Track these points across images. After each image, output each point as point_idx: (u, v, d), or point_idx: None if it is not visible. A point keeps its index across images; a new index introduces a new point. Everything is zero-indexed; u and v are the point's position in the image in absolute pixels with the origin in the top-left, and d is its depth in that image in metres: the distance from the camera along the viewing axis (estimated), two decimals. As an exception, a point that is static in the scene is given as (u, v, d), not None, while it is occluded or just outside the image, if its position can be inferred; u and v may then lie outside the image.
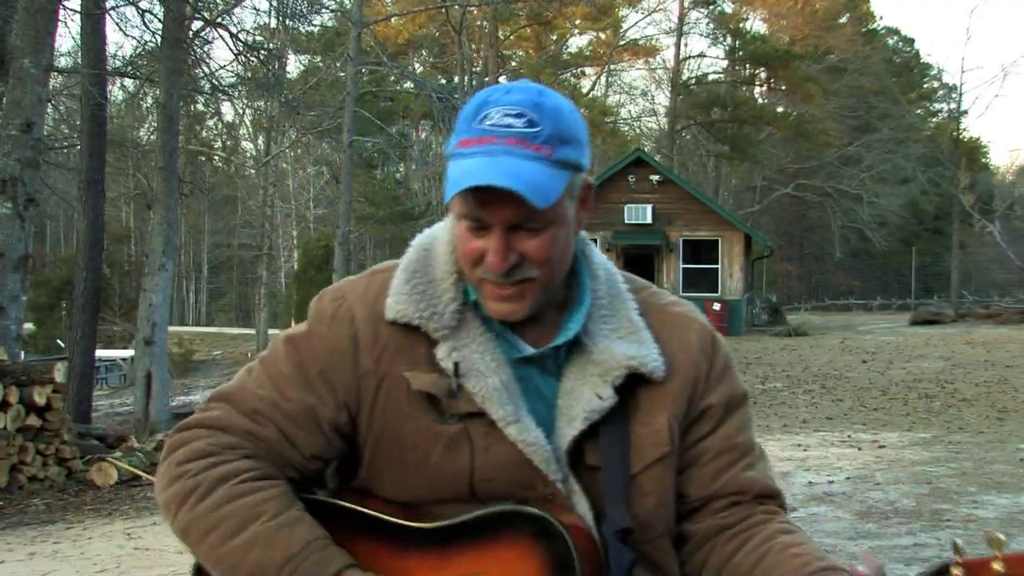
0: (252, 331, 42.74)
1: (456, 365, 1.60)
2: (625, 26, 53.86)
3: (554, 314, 1.68)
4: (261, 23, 36.38)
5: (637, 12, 54.12)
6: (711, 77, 56.49)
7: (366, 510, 1.62)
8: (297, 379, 1.64)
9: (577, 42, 56.49)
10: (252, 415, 1.62)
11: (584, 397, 1.62)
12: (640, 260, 31.78)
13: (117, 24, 25.12)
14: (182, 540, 1.59)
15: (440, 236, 1.73)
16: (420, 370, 1.62)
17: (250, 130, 49.46)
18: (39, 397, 9.86)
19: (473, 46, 43.58)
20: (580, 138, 1.60)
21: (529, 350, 1.66)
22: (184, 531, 1.57)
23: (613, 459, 1.62)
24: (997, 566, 1.34)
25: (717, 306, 30.33)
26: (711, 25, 55.52)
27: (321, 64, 39.50)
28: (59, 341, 28.95)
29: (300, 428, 1.62)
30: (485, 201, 1.52)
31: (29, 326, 30.69)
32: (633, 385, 1.65)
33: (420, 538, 1.58)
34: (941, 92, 61.91)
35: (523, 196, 1.48)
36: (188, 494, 1.56)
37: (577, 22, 51.21)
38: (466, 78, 38.18)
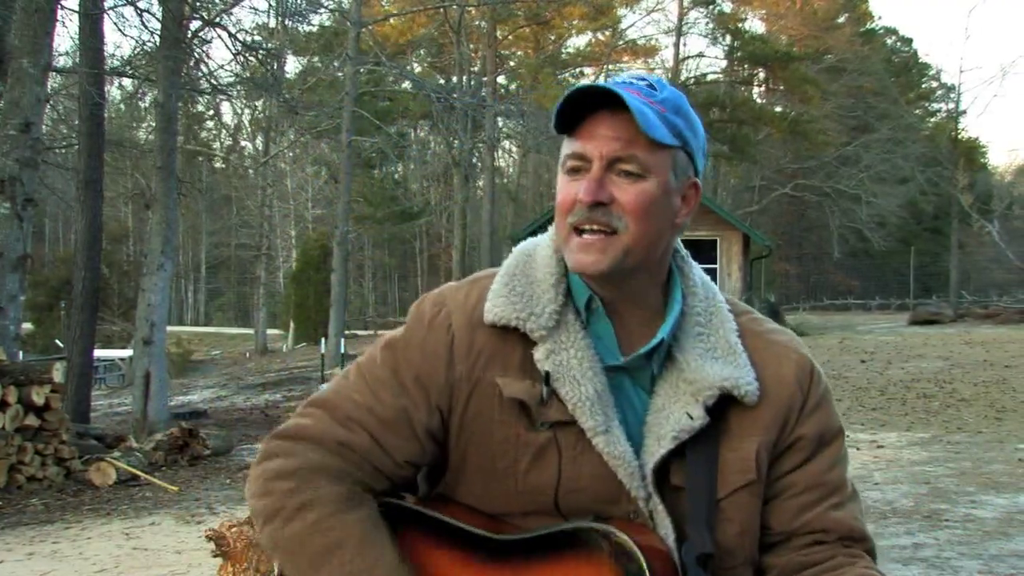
0: (250, 331, 42.77)
1: (548, 374, 1.58)
2: (624, 26, 53.93)
3: (648, 318, 1.66)
4: (260, 23, 36.40)
5: (636, 12, 54.20)
6: (710, 77, 56.51)
7: (445, 518, 1.62)
8: (392, 384, 1.64)
9: (576, 42, 56.54)
10: (346, 422, 1.61)
11: (674, 416, 1.60)
12: (639, 260, 31.79)
13: (115, 24, 25.11)
14: (268, 552, 1.63)
15: (542, 242, 1.72)
16: (513, 376, 1.61)
17: (248, 130, 49.50)
18: (38, 397, 9.85)
19: (471, 46, 43.56)
20: (696, 128, 1.67)
21: (622, 358, 1.64)
22: (270, 547, 1.61)
23: (698, 481, 1.60)
24: None
25: (716, 306, 30.34)
26: (710, 25, 55.55)
27: (320, 64, 39.51)
28: (57, 341, 28.94)
29: (393, 433, 1.62)
30: (588, 130, 1.56)
31: (28, 326, 30.70)
32: (725, 407, 1.62)
33: (496, 549, 1.58)
34: (940, 92, 61.99)
35: (627, 102, 1.51)
36: (273, 515, 1.57)
37: (575, 22, 51.19)
38: (464, 78, 38.20)
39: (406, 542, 1.62)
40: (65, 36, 50.36)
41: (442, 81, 42.07)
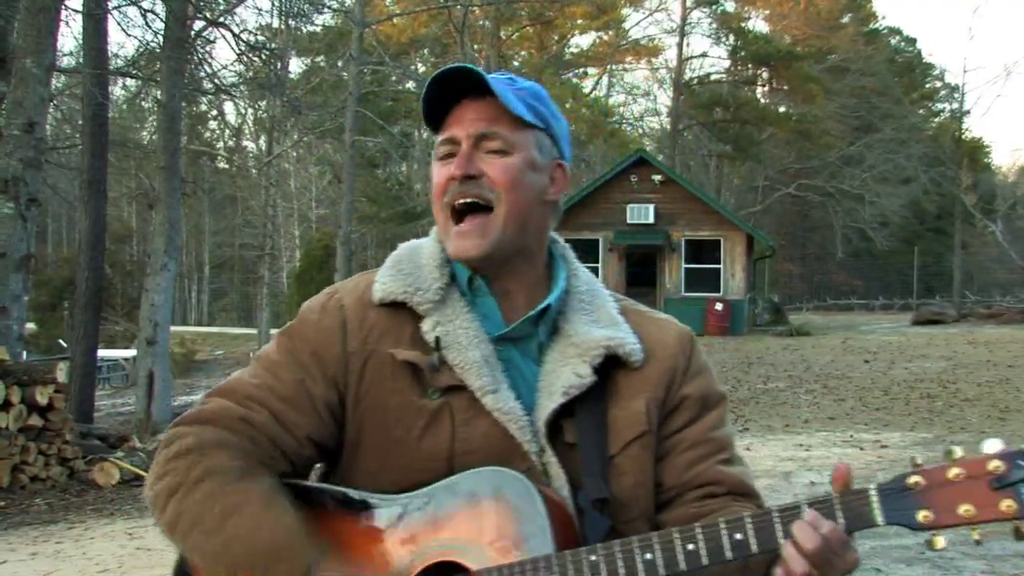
0: (254, 331, 42.73)
1: (438, 340, 1.66)
2: (627, 26, 53.87)
3: (532, 297, 1.75)
4: (263, 23, 36.39)
5: (639, 12, 54.16)
6: (713, 77, 56.44)
7: (345, 489, 1.66)
8: (289, 362, 1.70)
9: (580, 42, 56.53)
10: (245, 402, 1.66)
11: (563, 375, 1.67)
12: (643, 260, 31.78)
13: (119, 24, 25.13)
14: (168, 535, 1.63)
15: (425, 238, 1.83)
16: (404, 347, 1.68)
17: (252, 130, 49.53)
18: (41, 397, 9.86)
19: (475, 46, 43.57)
20: (557, 113, 1.78)
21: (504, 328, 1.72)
22: (172, 525, 1.61)
23: (590, 438, 1.66)
24: (954, 472, 1.42)
25: (719, 306, 30.33)
26: (713, 25, 55.51)
27: (323, 64, 39.53)
28: (61, 341, 28.96)
29: (293, 408, 1.66)
30: (454, 114, 1.68)
31: (31, 326, 30.70)
32: (611, 369, 1.70)
33: (393, 510, 1.62)
34: (943, 92, 61.97)
35: (486, 81, 1.63)
36: (174, 490, 1.60)
37: (578, 21, 51.17)
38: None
39: (307, 519, 1.65)
40: (69, 36, 50.42)
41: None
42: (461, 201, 1.67)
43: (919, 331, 30.44)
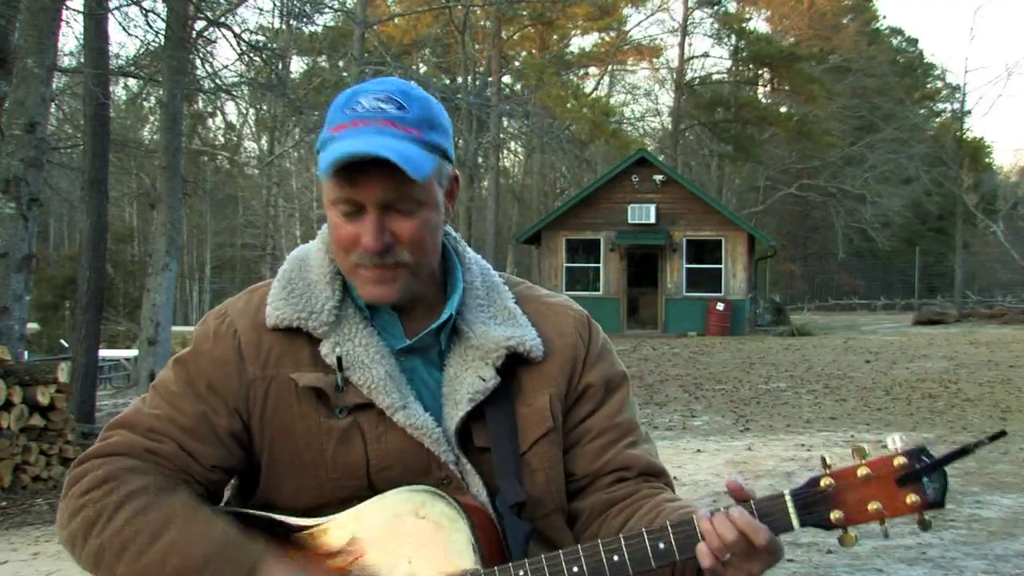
0: (255, 331, 42.74)
1: (339, 360, 1.64)
2: (629, 26, 53.86)
3: (430, 305, 1.73)
4: (265, 23, 36.42)
5: (640, 12, 54.17)
6: (715, 77, 56.47)
7: (268, 514, 1.64)
8: (188, 393, 1.66)
9: (581, 42, 56.49)
10: (148, 434, 1.63)
11: (467, 381, 1.67)
12: (644, 260, 31.79)
13: (120, 24, 25.19)
14: (94, 569, 1.59)
15: (313, 246, 1.79)
16: (305, 370, 1.66)
17: (254, 130, 49.54)
18: (43, 397, 9.86)
19: (476, 46, 43.60)
20: (446, 127, 1.69)
21: (408, 340, 1.70)
22: (96, 558, 1.57)
23: (501, 439, 1.67)
24: (862, 471, 1.48)
25: (721, 306, 30.33)
26: (715, 25, 55.51)
27: (325, 64, 39.53)
28: (62, 341, 28.96)
29: (197, 440, 1.64)
30: (358, 180, 1.58)
31: (34, 326, 30.71)
32: (514, 367, 1.70)
33: (315, 533, 1.61)
34: (945, 92, 61.83)
35: (396, 163, 1.54)
36: (94, 521, 1.57)
37: (580, 22, 51.15)
38: (469, 78, 38.20)
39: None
40: (70, 36, 50.47)
41: (447, 81, 42.12)
42: (377, 266, 1.63)
43: (920, 331, 30.43)
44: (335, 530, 1.60)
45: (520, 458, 1.67)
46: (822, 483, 1.49)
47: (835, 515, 1.48)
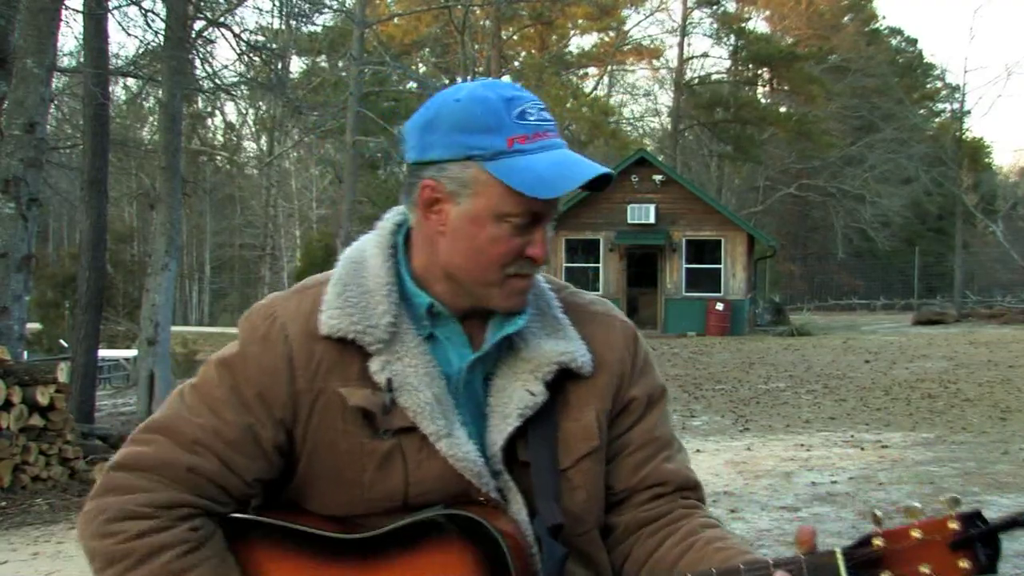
0: (255, 331, 42.75)
1: (389, 381, 1.60)
2: (628, 26, 53.87)
3: (483, 312, 1.69)
4: (264, 23, 36.40)
5: (640, 12, 54.16)
6: (714, 77, 56.48)
7: (295, 525, 1.62)
8: (233, 402, 1.61)
9: (581, 42, 56.50)
10: (191, 447, 1.58)
11: (516, 394, 1.64)
12: (643, 260, 31.80)
13: (119, 24, 25.18)
14: None
15: (369, 248, 1.72)
16: (354, 385, 1.61)
17: (253, 130, 49.55)
18: (42, 397, 9.85)
19: (476, 46, 43.54)
20: None
21: (473, 353, 1.67)
22: None
23: (542, 455, 1.64)
24: (915, 533, 1.44)
25: (720, 306, 30.34)
26: (714, 25, 55.52)
27: (324, 64, 39.53)
28: (62, 341, 28.94)
29: (241, 454, 1.60)
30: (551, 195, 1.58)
31: (36, 325, 30.69)
32: (561, 381, 1.67)
33: (351, 549, 1.59)
34: (944, 92, 61.83)
35: (607, 176, 1.60)
36: (116, 559, 1.54)
37: (580, 22, 51.16)
38: (469, 78, 38.17)
39: (251, 555, 1.62)
40: (70, 36, 50.47)
41: (447, 81, 42.06)
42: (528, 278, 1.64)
43: (920, 331, 30.44)
44: (370, 548, 1.58)
45: (560, 475, 1.65)
46: (874, 543, 1.46)
47: None
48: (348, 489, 1.62)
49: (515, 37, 48.45)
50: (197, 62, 18.88)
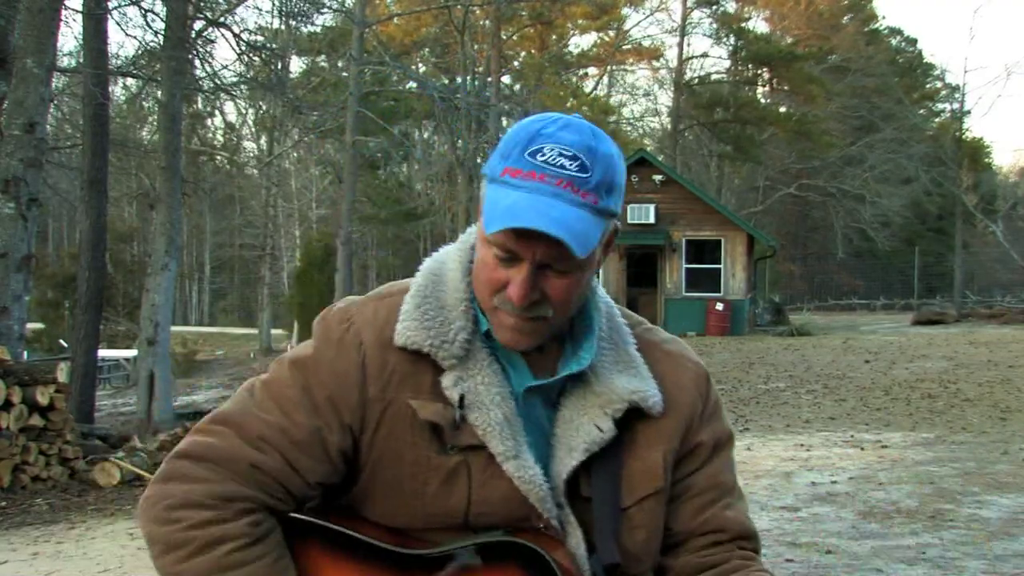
0: (255, 331, 42.77)
1: (462, 398, 1.59)
2: (628, 26, 53.88)
3: (555, 344, 1.68)
4: (264, 23, 36.41)
5: (640, 12, 54.17)
6: (714, 77, 56.46)
7: (354, 533, 1.62)
8: (304, 404, 1.61)
9: (581, 42, 56.55)
10: (257, 443, 1.59)
11: (584, 428, 1.63)
12: (643, 260, 31.80)
13: (119, 24, 25.14)
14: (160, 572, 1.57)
15: (449, 261, 1.72)
16: (425, 398, 1.61)
17: (253, 130, 49.55)
18: (42, 397, 9.86)
19: (476, 46, 43.54)
20: (622, 187, 1.61)
21: (533, 380, 1.66)
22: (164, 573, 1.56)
23: (605, 492, 1.63)
24: None
25: (720, 306, 30.34)
26: (714, 25, 55.52)
27: (324, 64, 39.54)
28: (62, 341, 28.97)
29: (306, 455, 1.60)
30: (524, 236, 1.51)
31: (38, 325, 30.72)
32: (630, 419, 1.66)
33: (409, 564, 1.59)
34: (944, 92, 61.85)
35: (567, 244, 1.49)
36: (176, 546, 1.54)
37: (579, 22, 51.16)
38: (468, 78, 38.19)
39: (307, 557, 1.61)
40: (69, 36, 50.52)
41: (446, 81, 42.13)
42: (520, 319, 1.58)
43: (920, 331, 30.43)
44: (428, 564, 1.58)
45: (621, 513, 1.64)
46: None
47: None
48: (409, 502, 1.61)
49: (515, 37, 48.41)
50: (197, 62, 18.90)
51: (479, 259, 1.61)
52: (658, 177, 31.57)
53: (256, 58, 19.94)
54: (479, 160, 41.05)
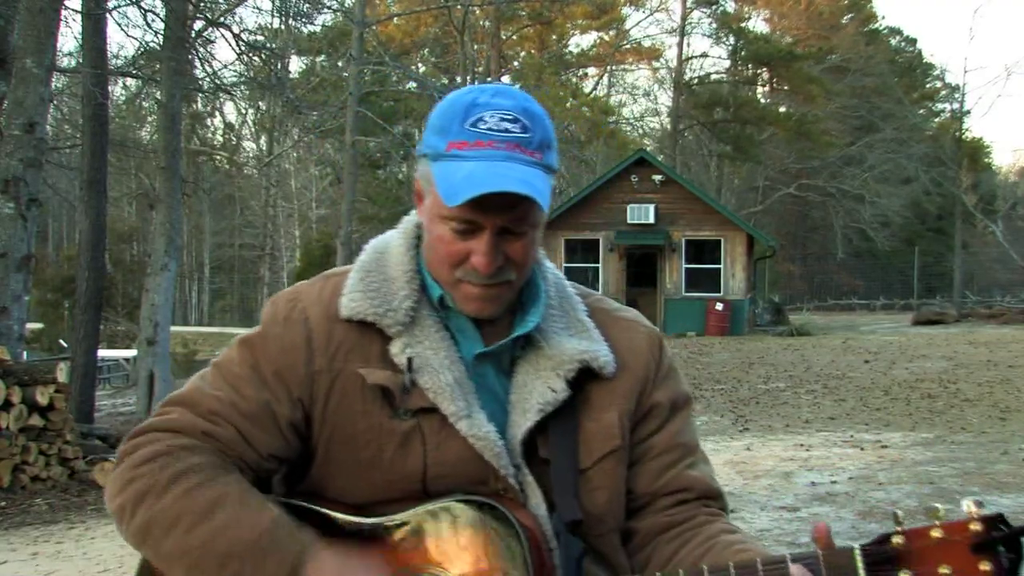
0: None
1: (410, 360, 1.62)
2: (627, 26, 53.90)
3: (506, 312, 1.70)
4: (264, 23, 36.43)
5: (639, 12, 54.19)
6: (713, 77, 56.49)
7: (317, 507, 1.63)
8: (253, 379, 1.65)
9: (580, 42, 56.52)
10: (209, 416, 1.62)
11: (537, 390, 1.65)
12: (643, 260, 31.79)
13: (118, 24, 25.18)
14: (140, 542, 1.59)
15: (394, 240, 1.77)
16: (374, 366, 1.64)
17: (252, 130, 49.55)
18: (42, 397, 9.86)
19: (476, 46, 43.55)
20: (556, 143, 1.66)
21: (483, 347, 1.68)
22: (144, 530, 1.57)
23: (563, 454, 1.65)
24: (936, 533, 1.43)
25: (720, 306, 30.33)
26: (713, 25, 55.54)
27: (324, 64, 39.54)
28: (62, 341, 28.96)
29: (258, 427, 1.63)
30: (484, 205, 1.54)
31: (38, 325, 30.69)
32: (584, 381, 1.68)
33: (367, 534, 1.60)
34: (944, 92, 61.93)
35: (536, 202, 1.53)
36: (145, 493, 1.56)
37: (579, 22, 51.17)
38: (468, 78, 38.19)
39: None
40: (69, 36, 50.42)
41: (446, 81, 42.10)
42: (486, 287, 1.61)
43: (920, 331, 30.43)
44: (390, 530, 1.59)
45: (580, 474, 1.66)
46: (893, 540, 1.45)
47: (903, 575, 1.45)
48: (368, 471, 1.63)
49: (515, 37, 48.46)
50: (197, 62, 18.91)
51: (434, 237, 1.63)
52: (658, 177, 31.57)
53: (256, 58, 19.94)
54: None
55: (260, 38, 24.82)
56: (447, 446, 1.61)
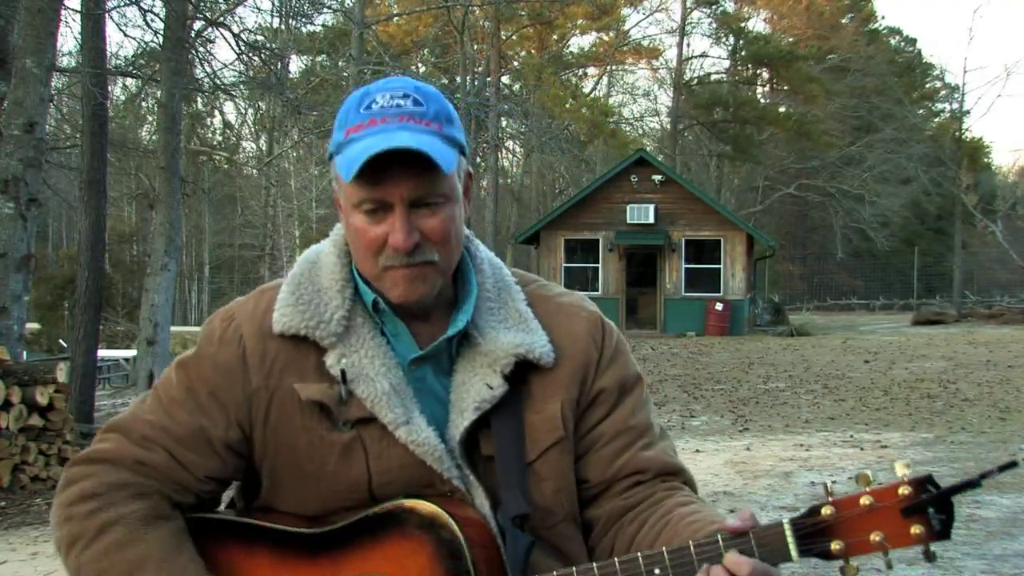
0: (254, 331, 42.79)
1: (343, 372, 1.61)
2: (627, 26, 53.88)
3: (443, 312, 1.70)
4: (264, 23, 36.43)
5: (639, 12, 54.18)
6: (713, 77, 56.49)
7: (255, 521, 1.64)
8: (187, 402, 1.65)
9: (580, 42, 56.50)
10: (141, 442, 1.62)
11: (475, 388, 1.64)
12: (643, 260, 31.80)
13: (117, 24, 25.18)
14: None
15: (325, 250, 1.76)
16: (310, 380, 1.63)
17: (252, 130, 49.53)
18: (42, 397, 9.85)
19: (475, 46, 43.55)
20: (459, 122, 1.66)
21: (418, 351, 1.68)
22: (75, 574, 1.59)
23: (507, 448, 1.65)
24: (865, 500, 1.43)
25: (719, 306, 30.34)
26: (713, 25, 55.55)
27: (324, 64, 39.51)
28: (61, 341, 28.95)
29: (191, 451, 1.63)
30: (383, 177, 1.54)
31: (36, 325, 30.68)
32: (524, 373, 1.67)
33: (313, 544, 1.60)
34: (944, 92, 61.91)
35: (429, 155, 1.51)
36: (75, 540, 1.57)
37: (579, 22, 51.15)
38: (468, 78, 38.20)
39: (219, 554, 1.63)
40: (68, 36, 50.41)
41: (446, 81, 42.09)
42: (408, 266, 1.60)
43: (919, 331, 30.44)
44: (331, 540, 1.59)
45: (526, 468, 1.65)
46: (823, 512, 1.45)
47: (836, 546, 1.45)
48: (314, 484, 1.63)
49: (515, 37, 48.40)
50: (196, 62, 18.90)
51: (352, 231, 1.63)
52: (657, 177, 31.58)
53: (256, 58, 19.92)
54: (479, 160, 41.10)
55: (260, 38, 24.77)
56: (389, 454, 1.61)
